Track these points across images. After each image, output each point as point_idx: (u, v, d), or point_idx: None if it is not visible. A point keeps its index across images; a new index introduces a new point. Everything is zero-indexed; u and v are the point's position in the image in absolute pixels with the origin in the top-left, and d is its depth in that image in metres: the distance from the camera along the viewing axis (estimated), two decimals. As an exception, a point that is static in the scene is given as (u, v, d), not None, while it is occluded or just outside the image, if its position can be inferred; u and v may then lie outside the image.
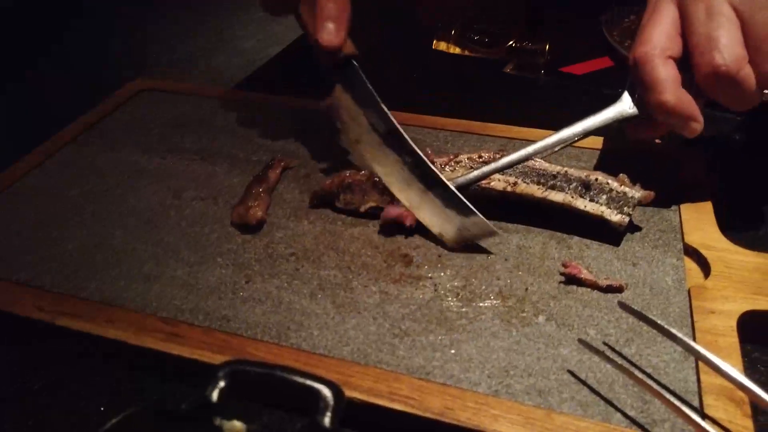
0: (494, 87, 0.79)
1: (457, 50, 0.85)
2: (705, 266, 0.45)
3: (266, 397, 0.37)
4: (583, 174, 0.48)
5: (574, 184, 0.47)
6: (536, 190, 0.48)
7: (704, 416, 0.34)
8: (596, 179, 0.47)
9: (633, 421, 0.34)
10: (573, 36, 0.91)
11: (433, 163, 0.49)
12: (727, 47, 0.42)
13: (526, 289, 0.44)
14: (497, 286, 0.44)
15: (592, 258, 0.46)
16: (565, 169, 0.49)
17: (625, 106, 0.48)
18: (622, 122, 0.48)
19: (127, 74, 0.77)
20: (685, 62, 0.45)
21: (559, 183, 0.48)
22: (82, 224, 0.52)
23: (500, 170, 0.48)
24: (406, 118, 0.64)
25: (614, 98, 0.49)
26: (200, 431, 0.30)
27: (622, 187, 0.47)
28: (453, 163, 0.51)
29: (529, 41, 0.82)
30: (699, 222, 0.48)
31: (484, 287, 0.44)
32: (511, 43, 0.82)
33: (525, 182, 0.48)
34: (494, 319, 0.41)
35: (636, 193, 0.46)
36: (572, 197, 0.47)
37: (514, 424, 0.34)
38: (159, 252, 0.48)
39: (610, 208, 0.46)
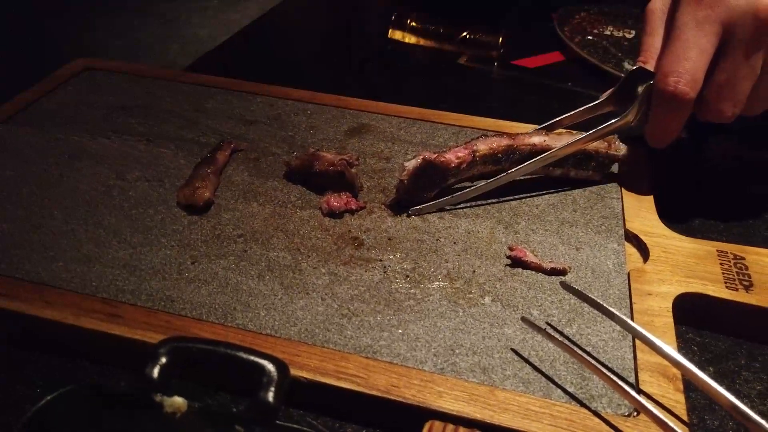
0: (448, 77, 0.80)
1: (413, 40, 0.86)
2: (644, 251, 0.46)
3: (209, 377, 0.37)
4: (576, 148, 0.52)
5: (570, 161, 0.52)
6: (540, 170, 0.53)
7: (639, 391, 0.36)
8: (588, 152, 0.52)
9: (572, 397, 0.35)
10: (526, 30, 0.93)
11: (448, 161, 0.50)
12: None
13: (474, 271, 0.44)
14: (445, 269, 0.44)
15: (538, 242, 0.47)
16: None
17: (631, 118, 0.49)
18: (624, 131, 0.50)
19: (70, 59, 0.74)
20: None
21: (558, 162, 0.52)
22: (18, 205, 0.49)
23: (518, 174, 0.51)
24: (362, 104, 0.64)
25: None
26: (139, 408, 0.29)
27: (606, 151, 0.52)
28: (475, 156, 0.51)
29: (483, 33, 0.84)
30: (640, 210, 0.50)
31: (432, 269, 0.44)
32: (465, 34, 0.83)
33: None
34: (442, 300, 0.42)
35: (616, 152, 0.53)
36: (568, 170, 0.53)
37: (457, 401, 0.35)
38: (100, 233, 0.47)
39: (595, 171, 0.53)
